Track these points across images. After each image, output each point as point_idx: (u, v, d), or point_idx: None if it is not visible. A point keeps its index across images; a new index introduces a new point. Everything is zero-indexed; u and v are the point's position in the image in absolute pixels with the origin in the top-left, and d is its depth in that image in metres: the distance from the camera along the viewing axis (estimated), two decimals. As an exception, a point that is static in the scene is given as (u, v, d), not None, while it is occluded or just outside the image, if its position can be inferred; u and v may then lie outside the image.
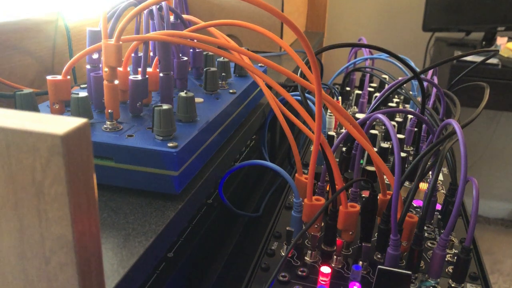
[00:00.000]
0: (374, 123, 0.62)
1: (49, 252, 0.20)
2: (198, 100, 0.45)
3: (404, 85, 0.49)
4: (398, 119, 0.66)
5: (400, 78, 0.51)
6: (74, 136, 0.18)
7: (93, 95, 0.41)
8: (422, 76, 0.50)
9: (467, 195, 0.33)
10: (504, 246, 1.82)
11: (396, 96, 0.79)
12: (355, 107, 0.77)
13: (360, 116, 0.67)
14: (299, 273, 0.36)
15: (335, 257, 0.37)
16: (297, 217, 0.40)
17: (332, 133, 0.58)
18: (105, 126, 0.38)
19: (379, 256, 0.39)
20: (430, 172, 0.50)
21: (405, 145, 0.61)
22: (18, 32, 0.51)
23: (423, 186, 0.51)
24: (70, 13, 0.59)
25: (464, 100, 0.51)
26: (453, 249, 0.40)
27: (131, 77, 0.40)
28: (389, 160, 0.57)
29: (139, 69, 0.42)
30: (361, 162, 0.50)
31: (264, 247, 0.40)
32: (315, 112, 0.37)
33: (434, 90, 0.57)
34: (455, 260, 0.36)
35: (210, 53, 0.54)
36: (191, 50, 0.53)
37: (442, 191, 0.51)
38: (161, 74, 0.43)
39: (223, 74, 0.52)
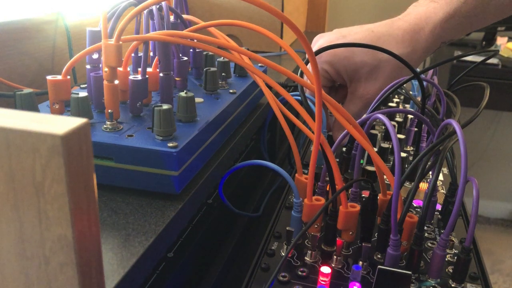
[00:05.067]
0: (374, 123, 0.62)
1: (49, 252, 0.20)
2: (198, 100, 0.45)
3: (404, 85, 0.49)
4: (398, 119, 0.66)
5: (400, 78, 0.51)
6: (74, 136, 0.18)
7: (93, 95, 0.41)
8: (422, 76, 0.50)
9: (467, 195, 0.33)
10: (504, 246, 1.83)
11: (396, 96, 0.79)
12: (355, 107, 0.76)
13: (360, 116, 0.67)
14: (299, 273, 0.36)
15: (335, 257, 0.37)
16: (297, 217, 0.40)
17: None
18: (105, 126, 0.38)
19: (379, 256, 0.39)
20: (430, 172, 0.50)
21: (405, 145, 0.61)
22: (18, 32, 0.51)
23: (423, 186, 0.51)
24: (70, 13, 0.59)
25: (464, 100, 0.51)
26: (453, 249, 0.40)
27: (131, 77, 0.40)
28: (389, 160, 0.57)
29: (139, 69, 0.42)
30: (361, 162, 0.50)
31: (264, 247, 0.40)
32: (315, 112, 0.37)
33: (434, 90, 0.57)
34: (455, 260, 0.36)
35: (210, 53, 0.54)
36: (191, 50, 0.53)
37: (442, 191, 0.51)
38: (161, 74, 0.43)
39: (223, 74, 0.52)
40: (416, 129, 0.60)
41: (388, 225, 0.37)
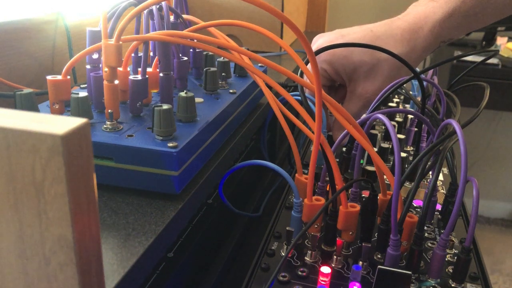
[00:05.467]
0: (374, 123, 0.62)
1: (49, 252, 0.20)
2: (198, 100, 0.45)
3: (404, 85, 0.49)
4: (398, 119, 0.66)
5: (400, 78, 0.50)
6: (74, 136, 0.18)
7: (93, 95, 0.41)
8: (422, 76, 0.50)
9: (467, 195, 0.33)
10: (504, 246, 1.82)
11: (396, 96, 0.79)
12: (355, 107, 0.76)
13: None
14: (299, 273, 0.36)
15: (335, 257, 0.37)
16: (297, 217, 0.40)
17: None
18: (105, 126, 0.38)
19: (379, 256, 0.39)
20: (430, 172, 0.50)
21: (405, 145, 0.61)
22: (18, 32, 0.51)
23: (423, 186, 0.51)
24: (70, 13, 0.59)
25: (464, 100, 0.51)
26: (453, 249, 0.40)
27: (131, 77, 0.40)
28: (389, 160, 0.57)
29: (139, 69, 0.42)
30: (361, 162, 0.50)
31: (264, 247, 0.40)
32: (315, 112, 0.37)
33: (434, 90, 0.57)
34: (455, 260, 0.36)
35: (210, 53, 0.54)
36: (191, 50, 0.53)
37: (442, 191, 0.51)
38: (161, 74, 0.43)
39: (223, 74, 0.52)
40: (416, 129, 0.60)
41: (388, 225, 0.37)
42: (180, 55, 0.47)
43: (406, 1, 0.61)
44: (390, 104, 0.75)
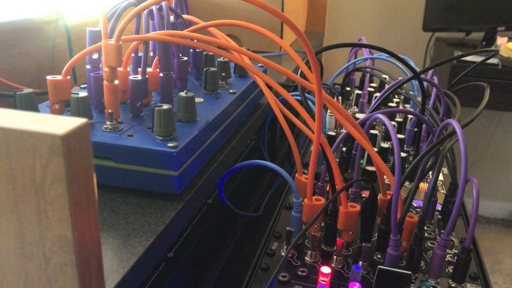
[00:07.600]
0: (374, 123, 0.62)
1: (49, 252, 0.20)
2: (198, 100, 0.45)
3: (404, 85, 0.49)
4: (398, 119, 0.66)
5: (400, 78, 0.51)
6: (74, 136, 0.18)
7: (93, 95, 0.41)
8: (422, 76, 0.50)
9: (467, 195, 0.33)
10: (504, 246, 1.82)
11: (396, 96, 0.79)
12: (355, 107, 0.77)
13: (360, 116, 0.67)
14: (299, 273, 0.36)
15: (335, 257, 0.37)
16: (297, 217, 0.40)
17: (332, 133, 0.58)
18: (105, 126, 0.38)
19: (379, 256, 0.39)
20: (430, 172, 0.50)
21: (405, 145, 0.61)
22: (18, 32, 0.51)
23: (423, 186, 0.51)
24: (70, 13, 0.59)
25: (464, 100, 0.51)
26: (453, 249, 0.40)
27: (131, 77, 0.40)
28: (389, 160, 0.57)
29: (139, 69, 0.42)
30: (361, 162, 0.50)
31: (264, 247, 0.40)
32: (315, 112, 0.37)
33: (434, 90, 0.57)
34: (455, 260, 0.36)
35: (210, 53, 0.54)
36: (191, 50, 0.53)
37: (442, 191, 0.51)
38: (161, 74, 0.43)
39: (223, 74, 0.51)
40: (416, 129, 0.60)
41: (388, 225, 0.37)
42: (180, 55, 0.47)
43: (406, 1, 0.61)
44: (390, 104, 0.75)
